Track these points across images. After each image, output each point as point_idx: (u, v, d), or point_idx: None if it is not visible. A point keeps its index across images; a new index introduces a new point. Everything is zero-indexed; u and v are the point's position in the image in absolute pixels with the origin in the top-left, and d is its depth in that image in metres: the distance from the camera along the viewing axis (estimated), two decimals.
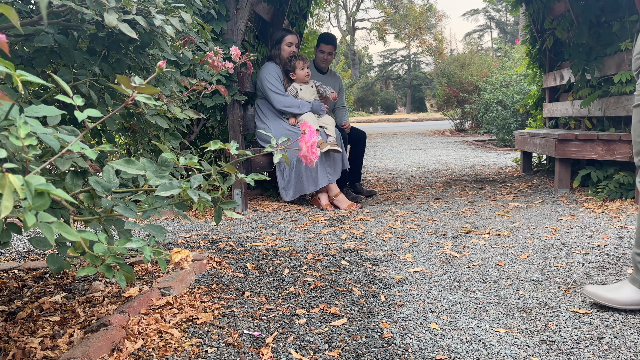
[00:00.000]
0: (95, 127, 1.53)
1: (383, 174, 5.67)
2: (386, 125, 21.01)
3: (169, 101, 1.60)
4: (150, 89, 1.02)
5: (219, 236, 2.85)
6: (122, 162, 1.03)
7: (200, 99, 3.37)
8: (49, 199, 0.76)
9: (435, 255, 2.37)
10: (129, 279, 1.06)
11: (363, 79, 39.69)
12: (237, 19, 3.45)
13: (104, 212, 1.08)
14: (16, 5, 1.38)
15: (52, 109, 0.92)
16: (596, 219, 2.99)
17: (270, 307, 1.73)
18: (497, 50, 24.24)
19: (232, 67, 1.74)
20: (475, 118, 12.01)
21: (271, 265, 2.24)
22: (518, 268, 2.13)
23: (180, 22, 1.46)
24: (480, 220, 3.07)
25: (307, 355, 1.39)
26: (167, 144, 1.69)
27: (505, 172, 5.33)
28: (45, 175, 1.08)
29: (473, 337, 1.49)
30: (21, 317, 1.58)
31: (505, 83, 9.21)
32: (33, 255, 2.50)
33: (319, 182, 3.59)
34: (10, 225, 1.09)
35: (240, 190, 3.54)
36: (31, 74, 0.82)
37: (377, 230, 2.89)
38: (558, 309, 1.68)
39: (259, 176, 1.27)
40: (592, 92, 3.89)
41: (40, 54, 1.39)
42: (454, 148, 8.81)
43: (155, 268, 2.10)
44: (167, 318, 1.59)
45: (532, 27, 5.02)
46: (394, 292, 1.89)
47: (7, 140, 0.84)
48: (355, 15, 32.31)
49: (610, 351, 1.39)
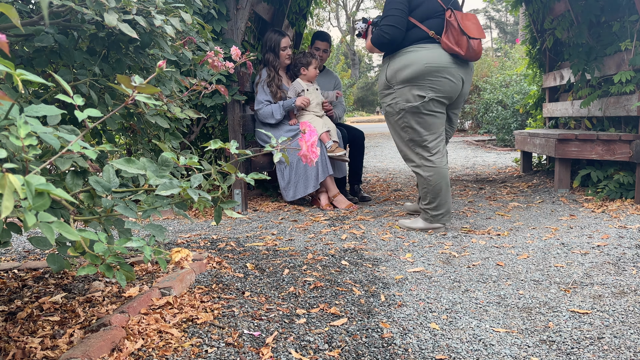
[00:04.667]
0: (96, 127, 1.53)
1: (383, 174, 5.67)
2: (386, 125, 20.99)
3: (169, 101, 1.60)
4: (150, 88, 1.02)
5: (219, 236, 2.85)
6: (122, 162, 1.03)
7: (200, 99, 3.37)
8: (49, 198, 0.76)
9: (435, 255, 2.37)
10: (129, 278, 1.06)
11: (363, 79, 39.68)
12: (237, 19, 3.45)
13: (104, 211, 1.08)
14: (16, 5, 1.38)
15: (52, 109, 0.92)
16: (596, 219, 2.99)
17: (270, 307, 1.73)
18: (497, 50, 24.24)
19: (232, 67, 1.74)
20: (475, 118, 12.00)
21: (271, 265, 2.24)
22: (518, 268, 2.13)
23: (180, 22, 1.46)
24: (480, 220, 3.07)
25: (307, 355, 1.39)
26: (167, 144, 1.70)
27: (505, 172, 5.33)
28: (45, 175, 1.08)
29: (473, 337, 1.49)
30: (21, 317, 1.58)
31: (505, 83, 9.21)
32: (33, 255, 2.50)
33: (320, 178, 3.58)
34: (10, 225, 1.09)
35: (240, 190, 3.54)
36: (31, 73, 0.82)
37: (377, 230, 2.89)
38: (558, 309, 1.68)
39: (259, 175, 1.27)
40: (592, 92, 3.90)
41: (41, 54, 1.39)
42: (454, 148, 8.81)
43: (155, 268, 2.10)
44: (167, 318, 1.59)
45: (532, 27, 5.03)
46: (394, 292, 1.89)
47: (7, 140, 0.84)
48: (355, 15, 32.32)
49: (610, 351, 1.39)
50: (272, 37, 3.76)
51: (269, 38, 3.76)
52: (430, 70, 2.64)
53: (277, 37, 3.74)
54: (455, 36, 2.65)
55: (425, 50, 2.66)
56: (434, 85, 2.67)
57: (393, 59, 2.74)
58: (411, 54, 2.67)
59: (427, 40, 2.69)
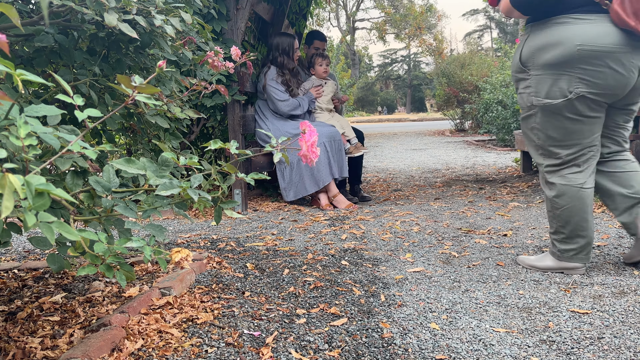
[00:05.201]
0: (96, 127, 1.53)
1: (383, 174, 5.67)
2: (386, 125, 21.01)
3: (169, 101, 1.60)
4: (151, 88, 1.02)
5: (219, 236, 2.85)
6: (122, 162, 1.03)
7: (200, 99, 3.37)
8: (49, 198, 0.76)
9: (435, 255, 2.37)
10: (129, 278, 1.06)
11: (363, 79, 39.70)
12: (237, 19, 3.45)
13: (104, 211, 1.08)
14: (16, 5, 1.38)
15: (52, 109, 0.92)
16: (596, 218, 2.99)
17: (270, 307, 1.73)
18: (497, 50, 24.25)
19: (233, 67, 1.74)
20: (475, 118, 12.00)
21: (271, 265, 2.24)
22: (518, 268, 2.13)
23: (180, 22, 1.46)
24: (480, 220, 3.07)
25: (307, 355, 1.39)
26: (167, 144, 1.70)
27: (505, 172, 5.33)
28: (45, 175, 1.08)
29: (473, 337, 1.49)
30: (21, 317, 1.58)
31: (505, 83, 9.20)
32: (33, 255, 2.50)
33: (323, 180, 3.60)
34: (10, 225, 1.09)
35: (240, 190, 3.54)
36: (31, 73, 0.82)
37: (377, 230, 2.89)
38: (558, 309, 1.68)
39: (259, 175, 1.27)
40: None
41: (41, 54, 1.39)
42: (454, 148, 8.81)
43: (156, 268, 2.10)
44: (167, 318, 1.59)
45: None
46: (394, 292, 1.89)
47: (7, 140, 0.84)
48: (355, 15, 32.32)
49: (610, 351, 1.39)
50: (285, 40, 3.83)
51: (282, 41, 3.83)
52: (584, 55, 1.81)
53: (291, 40, 3.83)
54: (635, 4, 1.75)
55: (582, 25, 1.82)
56: (588, 76, 1.84)
57: (534, 32, 1.93)
58: (560, 29, 1.85)
59: (588, 7, 1.83)
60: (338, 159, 3.69)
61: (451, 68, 12.79)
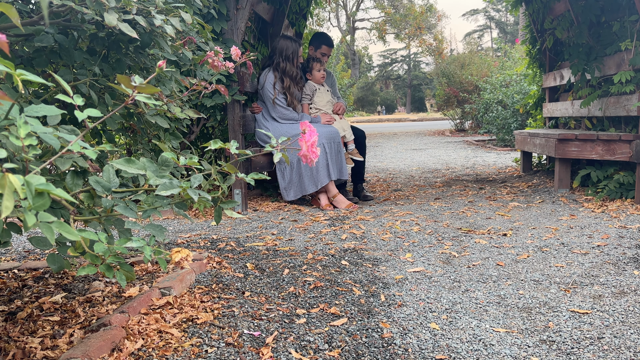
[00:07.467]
0: (96, 126, 1.53)
1: (383, 174, 5.67)
2: (386, 125, 21.01)
3: (169, 101, 1.60)
4: (150, 88, 1.02)
5: (219, 236, 2.85)
6: (122, 162, 1.03)
7: (200, 99, 3.37)
8: (49, 198, 0.76)
9: (435, 255, 2.37)
10: (129, 278, 1.06)
11: (363, 79, 39.68)
12: (237, 19, 3.45)
13: (104, 211, 1.08)
14: (16, 5, 1.38)
15: (52, 109, 0.92)
16: (596, 219, 2.99)
17: (270, 307, 1.73)
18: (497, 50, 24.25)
19: (232, 67, 1.74)
20: (475, 118, 12.01)
21: (271, 265, 2.24)
22: (518, 268, 2.13)
23: (180, 22, 1.46)
24: (480, 220, 3.07)
25: (307, 355, 1.39)
26: (167, 144, 1.69)
27: (505, 172, 5.33)
28: (45, 175, 1.08)
29: (473, 337, 1.49)
30: (21, 317, 1.58)
31: (505, 83, 9.21)
32: (33, 255, 2.50)
33: (321, 181, 3.60)
34: (10, 225, 1.09)
35: (240, 190, 3.54)
36: (31, 73, 0.82)
37: (377, 230, 2.89)
38: (558, 309, 1.68)
39: (259, 175, 1.27)
40: (592, 92, 3.89)
41: (40, 54, 1.39)
42: (454, 148, 8.81)
43: (156, 268, 2.10)
44: (167, 318, 1.59)
45: (532, 27, 5.02)
46: (394, 292, 1.89)
47: (7, 140, 0.84)
48: (355, 15, 32.31)
49: (610, 351, 1.39)
50: (290, 46, 3.73)
51: (286, 47, 3.72)
52: None
53: (296, 47, 3.75)
54: None
55: None
56: None
57: None
58: None
59: None
60: (337, 161, 3.68)
61: (451, 68, 12.79)
